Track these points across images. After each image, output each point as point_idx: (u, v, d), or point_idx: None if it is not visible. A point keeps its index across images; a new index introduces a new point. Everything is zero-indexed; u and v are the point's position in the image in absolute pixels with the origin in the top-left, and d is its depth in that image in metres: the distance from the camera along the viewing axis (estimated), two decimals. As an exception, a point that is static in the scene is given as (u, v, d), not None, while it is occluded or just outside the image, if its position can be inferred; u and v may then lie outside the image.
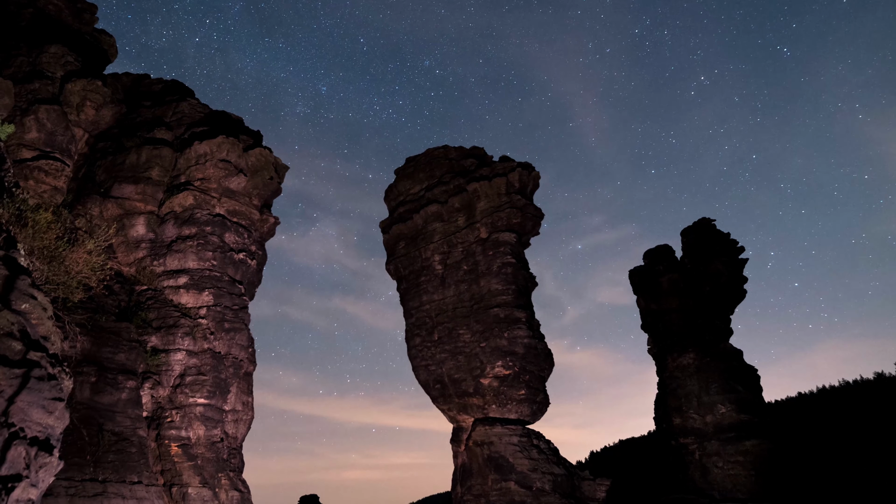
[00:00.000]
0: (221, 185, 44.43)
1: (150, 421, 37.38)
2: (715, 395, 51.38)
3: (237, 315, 42.88)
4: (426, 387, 59.08)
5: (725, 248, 56.00)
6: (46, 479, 13.86)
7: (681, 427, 53.13)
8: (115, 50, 48.04)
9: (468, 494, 52.88)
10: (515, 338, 53.76)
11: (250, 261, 45.21)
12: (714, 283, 55.08)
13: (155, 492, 32.28)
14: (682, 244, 58.78)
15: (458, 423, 57.42)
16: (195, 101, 48.21)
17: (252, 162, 46.30)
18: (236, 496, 38.08)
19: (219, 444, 38.80)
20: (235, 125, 48.49)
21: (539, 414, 54.35)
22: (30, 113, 36.68)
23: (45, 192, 35.88)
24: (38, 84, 38.19)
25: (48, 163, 36.29)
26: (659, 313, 57.88)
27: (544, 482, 49.56)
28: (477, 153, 63.70)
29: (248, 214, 45.93)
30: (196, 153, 43.94)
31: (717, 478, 49.97)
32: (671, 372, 54.92)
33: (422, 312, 60.42)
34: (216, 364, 40.07)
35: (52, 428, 14.05)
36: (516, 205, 57.66)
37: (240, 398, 41.93)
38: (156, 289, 40.78)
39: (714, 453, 50.60)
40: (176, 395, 38.20)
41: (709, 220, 58.54)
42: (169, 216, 42.65)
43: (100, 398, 32.28)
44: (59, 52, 40.13)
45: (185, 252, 41.73)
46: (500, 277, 55.83)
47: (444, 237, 60.36)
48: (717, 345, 53.32)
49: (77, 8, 46.05)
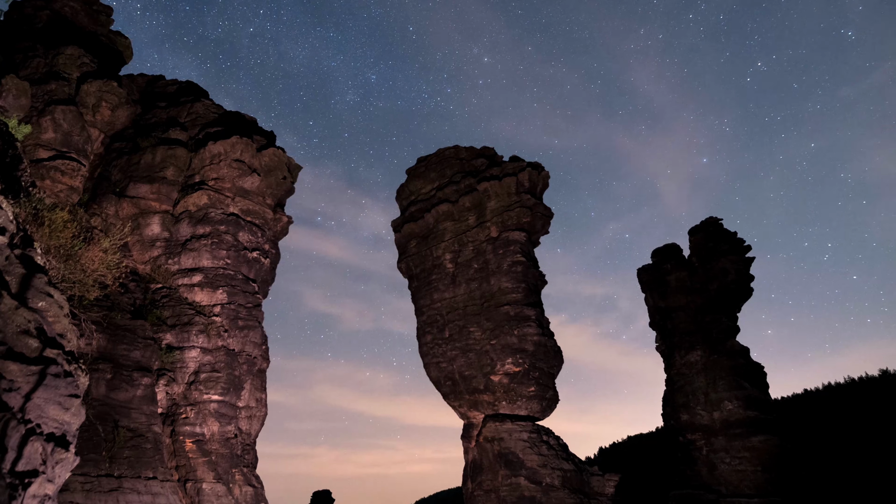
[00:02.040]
0: (235, 185, 44.36)
1: (165, 417, 37.35)
2: (722, 392, 51.19)
3: (251, 313, 42.81)
4: (437, 384, 58.93)
5: (733, 247, 55.79)
6: (63, 474, 13.80)
7: (688, 423, 52.97)
8: (131, 51, 48.04)
9: (479, 490, 52.75)
10: (525, 335, 53.60)
11: (264, 259, 45.14)
12: (721, 281, 54.87)
13: (170, 487, 32.24)
14: (690, 243, 58.58)
15: (468, 420, 57.27)
16: (209, 101, 48.17)
17: (265, 162, 46.23)
18: (250, 491, 38.04)
19: (233, 441, 38.74)
20: (249, 126, 48.43)
21: (549, 410, 54.14)
22: (46, 113, 36.63)
23: (62, 191, 35.84)
24: (55, 85, 38.14)
25: (64, 163, 36.24)
26: (667, 311, 57.71)
27: (554, 478, 49.42)
28: (487, 153, 63.55)
29: (262, 214, 45.86)
30: (210, 153, 43.89)
31: (724, 473, 49.80)
32: (679, 369, 54.77)
33: (433, 310, 60.29)
34: (230, 361, 40.01)
35: (69, 424, 13.99)
36: (526, 204, 57.51)
37: (253, 395, 41.90)
38: (170, 287, 40.73)
39: (721, 449, 50.42)
40: (190, 392, 38.16)
41: (716, 219, 58.35)
42: (183, 215, 42.59)
43: (115, 395, 32.24)
44: (75, 53, 40.09)
45: (200, 251, 41.67)
46: (511, 276, 55.67)
47: (455, 236, 60.23)
48: (724, 342, 53.08)
49: (93, 10, 46.05)
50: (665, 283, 57.82)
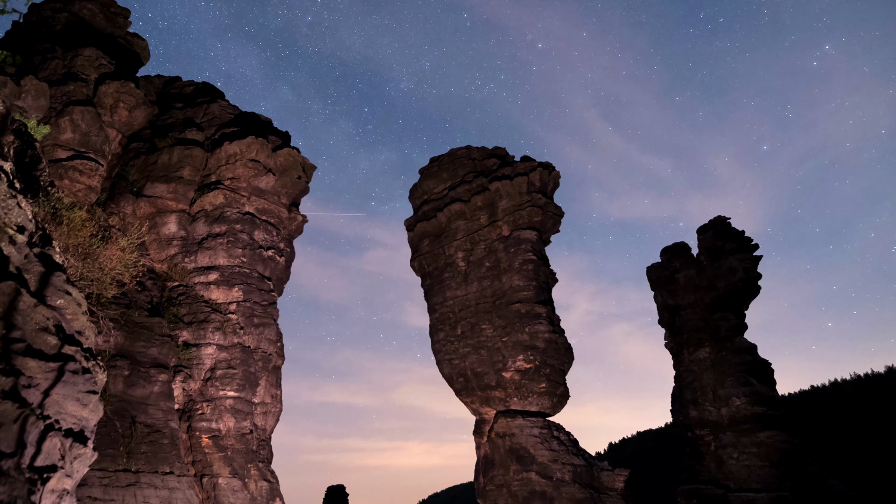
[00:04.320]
0: (251, 185, 44.34)
1: (182, 413, 37.33)
2: (730, 389, 51.04)
3: (266, 310, 42.78)
4: (450, 380, 58.90)
5: (740, 246, 55.62)
6: (81, 469, 13.74)
7: (697, 419, 52.83)
8: (148, 53, 48.05)
9: (490, 485, 52.69)
10: (536, 332, 53.51)
11: (279, 258, 45.10)
12: (729, 279, 54.69)
13: (186, 482, 32.20)
14: (698, 241, 58.41)
15: (480, 416, 57.23)
16: (225, 102, 48.18)
17: (280, 162, 46.19)
18: (265, 486, 37.99)
19: (248, 436, 38.70)
20: (264, 126, 48.39)
21: (559, 406, 54.05)
22: (64, 114, 36.63)
23: (80, 191, 35.86)
24: (73, 86, 38.13)
25: (82, 162, 36.24)
26: (675, 308, 57.58)
27: (564, 472, 49.32)
28: (499, 153, 63.54)
29: (277, 213, 45.84)
30: (226, 153, 43.87)
31: (732, 468, 49.63)
32: (687, 366, 54.61)
33: (445, 308, 60.24)
34: (246, 358, 39.98)
35: (87, 420, 13.93)
36: (537, 203, 57.43)
37: (269, 391, 41.86)
38: (187, 285, 40.71)
39: (729, 445, 50.27)
40: (206, 388, 38.13)
41: (724, 217, 58.13)
42: (200, 214, 42.58)
43: (133, 391, 32.21)
44: (93, 54, 40.10)
45: (216, 249, 41.66)
46: (522, 274, 55.57)
47: (467, 235, 60.19)
48: (732, 339, 52.94)
49: (111, 12, 46.08)
50: (674, 281, 57.69)
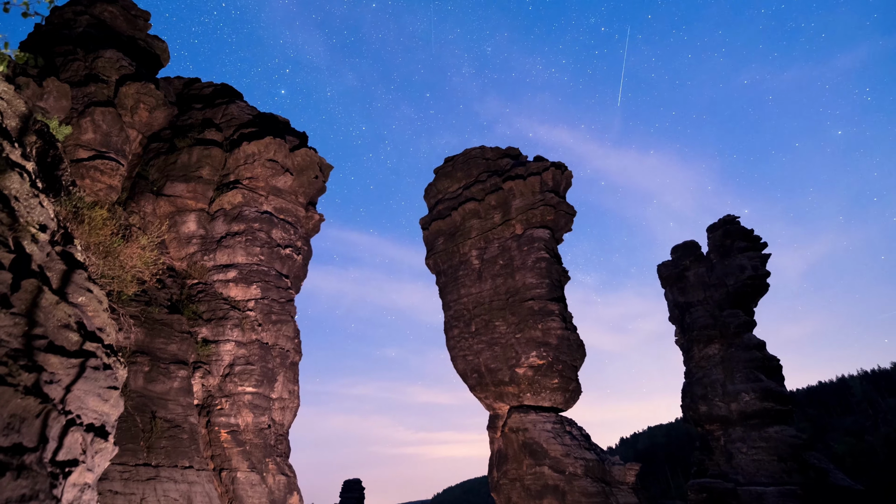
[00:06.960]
0: (269, 184, 44.28)
1: (201, 408, 37.28)
2: (739, 384, 50.91)
3: (284, 307, 42.72)
4: (464, 376, 58.79)
5: (749, 245, 55.46)
6: (102, 464, 13.65)
7: (707, 414, 52.71)
8: (168, 55, 47.99)
9: (504, 479, 52.57)
10: (549, 329, 53.35)
11: (296, 256, 45.03)
12: (738, 277, 54.50)
13: (205, 476, 32.14)
14: (708, 240, 58.26)
15: (494, 411, 57.14)
16: (244, 103, 48.10)
17: (298, 162, 46.14)
18: (283, 480, 37.94)
19: (266, 431, 38.63)
20: (282, 127, 48.34)
21: (572, 402, 53.89)
22: (86, 115, 36.63)
23: (101, 190, 35.85)
24: (94, 87, 38.12)
25: (103, 162, 36.23)
26: (685, 305, 57.44)
27: (576, 467, 49.14)
28: (512, 153, 63.44)
29: (294, 212, 45.77)
30: (245, 153, 43.82)
31: (741, 462, 49.50)
32: (697, 362, 54.52)
33: (460, 305, 60.16)
34: (264, 354, 39.91)
35: (108, 415, 13.84)
36: (550, 202, 57.26)
37: (286, 387, 41.81)
38: (206, 282, 40.67)
39: (738, 439, 50.16)
40: (225, 384, 38.08)
41: (733, 216, 57.91)
42: (219, 213, 42.54)
43: (153, 387, 32.16)
44: (114, 56, 40.07)
45: (234, 247, 41.61)
46: (535, 272, 55.40)
47: (481, 233, 60.08)
48: (741, 336, 52.78)
49: (131, 15, 46.05)
50: (684, 279, 57.57)
